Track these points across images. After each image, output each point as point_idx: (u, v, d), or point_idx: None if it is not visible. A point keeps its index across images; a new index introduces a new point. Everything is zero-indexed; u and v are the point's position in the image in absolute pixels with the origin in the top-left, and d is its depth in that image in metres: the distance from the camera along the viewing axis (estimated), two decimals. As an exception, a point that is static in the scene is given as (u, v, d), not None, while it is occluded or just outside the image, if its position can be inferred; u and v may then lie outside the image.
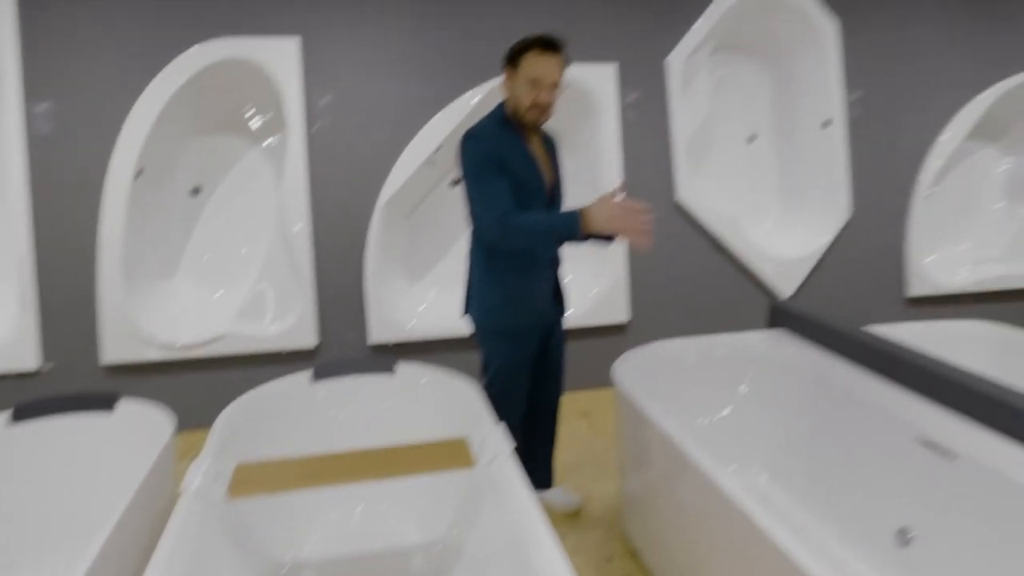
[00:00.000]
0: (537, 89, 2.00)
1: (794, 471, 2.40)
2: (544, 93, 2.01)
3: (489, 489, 1.77)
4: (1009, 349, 2.62)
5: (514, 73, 2.03)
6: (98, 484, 2.24)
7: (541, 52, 1.99)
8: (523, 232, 1.97)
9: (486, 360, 2.28)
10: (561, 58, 2.02)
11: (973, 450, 1.78)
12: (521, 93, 2.03)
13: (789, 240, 4.09)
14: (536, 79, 1.99)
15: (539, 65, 1.99)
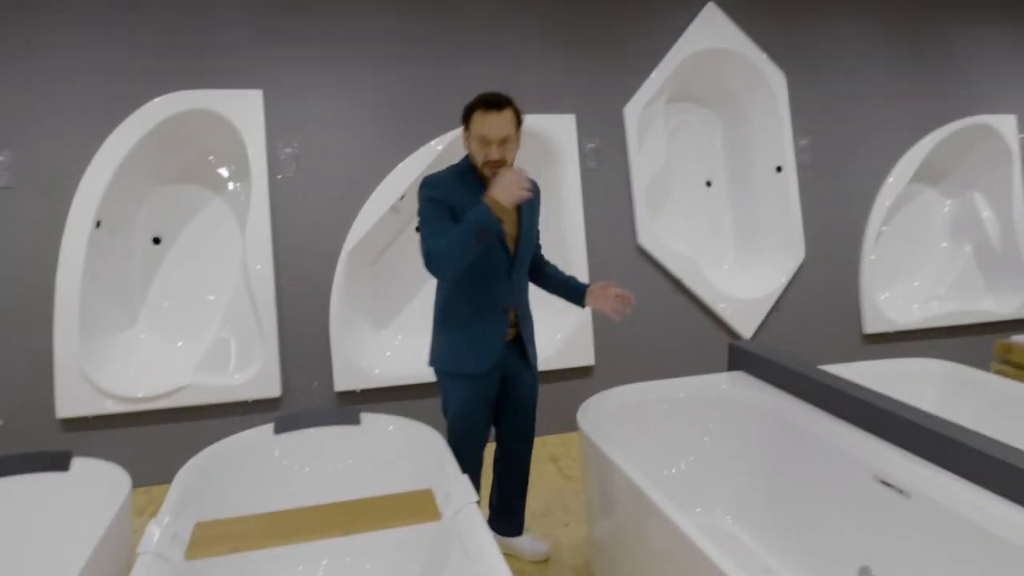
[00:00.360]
0: (487, 147, 2.06)
1: (757, 512, 2.43)
2: (493, 150, 2.05)
3: (455, 542, 1.76)
4: (957, 386, 2.72)
5: (467, 132, 2.11)
6: (53, 546, 2.17)
7: (485, 111, 2.05)
8: (446, 249, 1.98)
9: (444, 403, 2.32)
10: (508, 113, 2.06)
11: (926, 488, 1.84)
12: (474, 151, 2.10)
13: (747, 281, 4.20)
14: (483, 137, 2.05)
15: (485, 124, 2.04)
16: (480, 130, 2.05)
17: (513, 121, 2.08)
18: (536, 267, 2.41)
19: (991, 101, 4.63)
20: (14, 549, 2.15)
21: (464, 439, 2.30)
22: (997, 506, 1.66)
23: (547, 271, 2.43)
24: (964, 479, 1.80)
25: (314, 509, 1.88)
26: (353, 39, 3.57)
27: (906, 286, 4.69)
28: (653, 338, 4.01)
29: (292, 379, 3.53)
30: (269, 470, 2.27)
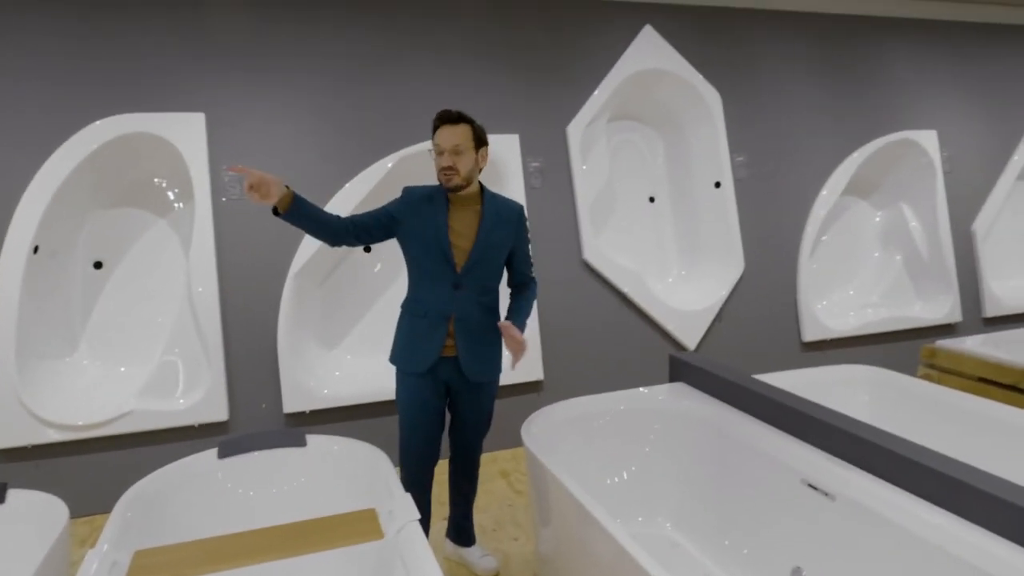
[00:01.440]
0: (440, 155, 2.24)
1: (697, 518, 2.51)
2: (445, 157, 2.23)
3: (398, 560, 1.79)
4: (884, 391, 2.85)
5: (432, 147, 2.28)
6: (-14, 582, 2.12)
7: (440, 125, 2.25)
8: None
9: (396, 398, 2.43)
10: (462, 127, 2.24)
11: (850, 490, 1.94)
12: (436, 163, 2.27)
13: (691, 293, 4.32)
14: (437, 146, 2.24)
15: (439, 136, 2.25)
16: (436, 140, 2.24)
17: (468, 134, 2.25)
18: (512, 290, 2.49)
19: (914, 117, 4.88)
20: (-54, 586, 2.09)
21: (409, 436, 2.39)
22: (916, 506, 1.76)
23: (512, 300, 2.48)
24: (885, 481, 1.90)
25: (257, 533, 1.89)
26: (297, 62, 3.59)
27: (842, 295, 4.89)
28: (600, 351, 4.09)
29: (239, 402, 3.50)
30: (212, 495, 2.26)
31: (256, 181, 1.99)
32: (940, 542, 1.65)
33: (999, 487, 1.63)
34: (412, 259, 2.35)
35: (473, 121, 2.27)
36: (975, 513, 1.65)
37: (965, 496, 1.68)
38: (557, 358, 3.99)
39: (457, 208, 2.31)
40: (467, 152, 2.24)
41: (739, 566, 2.30)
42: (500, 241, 2.34)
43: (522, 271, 2.46)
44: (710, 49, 4.33)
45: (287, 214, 2.11)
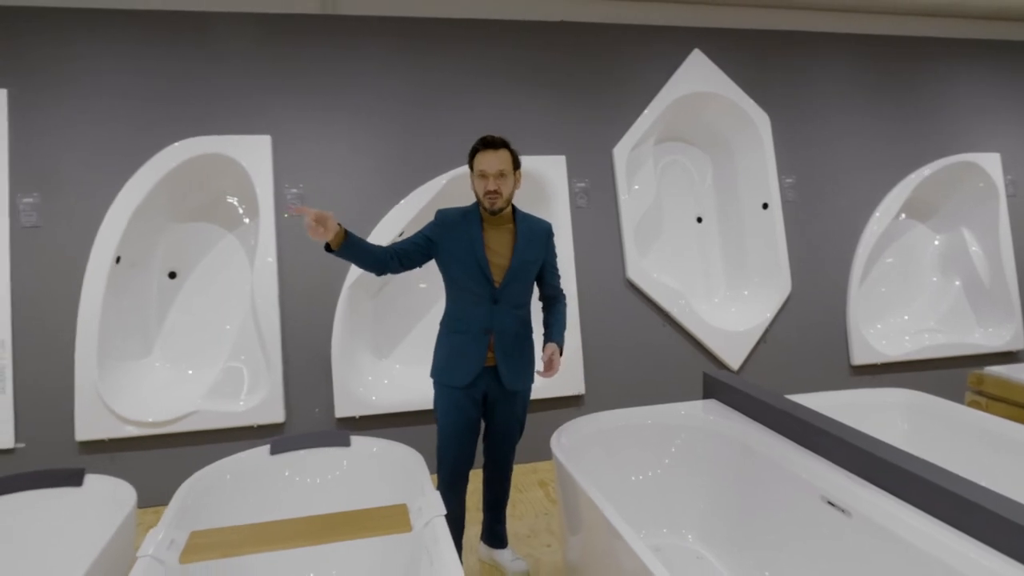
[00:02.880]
0: (484, 179, 2.37)
1: (719, 531, 2.55)
2: (490, 182, 2.36)
3: (424, 552, 1.92)
4: (922, 416, 2.83)
5: (471, 172, 2.41)
6: (65, 553, 2.36)
7: (483, 150, 2.38)
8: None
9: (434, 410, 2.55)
10: (504, 152, 2.37)
11: (868, 509, 1.96)
12: (476, 186, 2.41)
13: (736, 314, 4.34)
14: (482, 172, 2.37)
15: (482, 161, 2.37)
16: (479, 166, 2.37)
17: (509, 159, 2.39)
18: (544, 303, 2.61)
19: (975, 140, 4.78)
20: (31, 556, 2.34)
21: (446, 446, 2.51)
22: (929, 526, 1.79)
23: (545, 313, 2.61)
24: (903, 501, 1.92)
25: (298, 520, 2.05)
26: (355, 88, 3.84)
27: (896, 319, 4.80)
28: (642, 369, 4.15)
29: (295, 406, 3.72)
30: (262, 487, 2.45)
31: (318, 218, 2.12)
32: (951, 561, 1.67)
33: (1014, 510, 1.64)
34: (452, 279, 2.46)
35: (509, 144, 2.41)
36: (988, 534, 1.67)
37: (979, 517, 1.69)
38: (598, 373, 4.07)
39: (491, 228, 2.44)
40: (508, 175, 2.38)
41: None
42: (533, 258, 2.47)
43: (553, 283, 2.58)
44: (759, 71, 4.37)
45: (339, 249, 2.25)
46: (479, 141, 2.39)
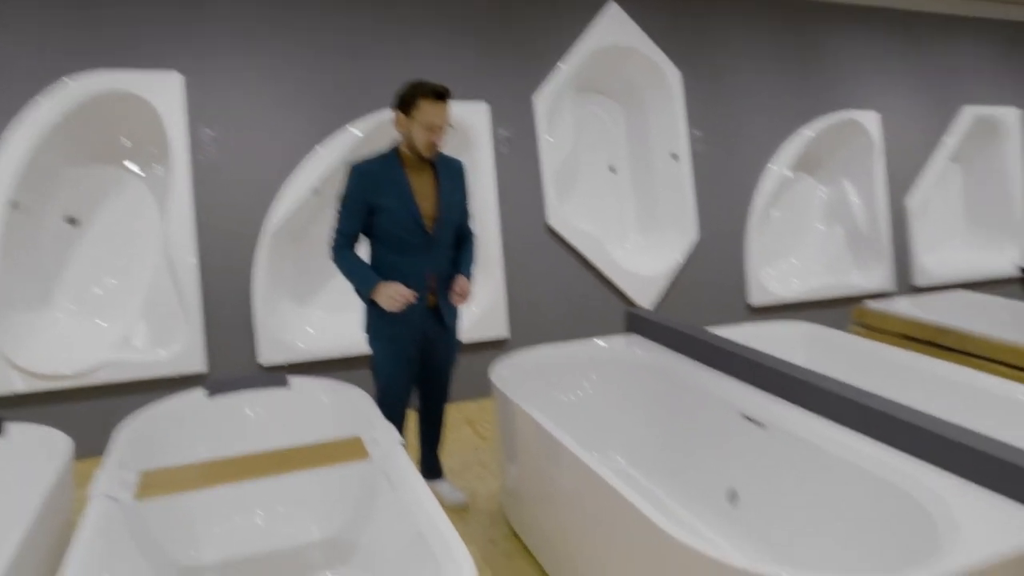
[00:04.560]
0: (434, 133, 2.34)
1: (645, 453, 2.78)
2: (439, 136, 2.35)
3: (383, 479, 2.00)
4: (817, 342, 3.15)
5: (408, 117, 2.34)
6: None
7: (434, 101, 2.31)
8: (338, 266, 2.46)
9: (371, 363, 2.57)
10: (447, 103, 2.34)
11: (780, 420, 2.21)
12: (417, 136, 2.35)
13: (647, 259, 4.59)
14: (430, 125, 2.32)
15: (433, 113, 2.31)
16: (428, 119, 2.30)
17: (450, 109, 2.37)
18: (460, 240, 2.64)
19: (859, 98, 5.20)
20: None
21: (389, 395, 2.55)
22: (833, 431, 2.05)
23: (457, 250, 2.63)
24: (809, 411, 2.18)
25: (251, 457, 2.07)
26: (274, 26, 3.69)
27: (787, 263, 5.22)
28: (562, 311, 4.33)
29: (217, 354, 3.64)
30: (204, 430, 2.43)
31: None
32: (853, 459, 1.93)
33: (904, 412, 1.91)
34: (384, 230, 2.41)
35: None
36: (883, 434, 1.94)
37: (875, 420, 1.96)
38: (522, 317, 4.21)
39: (414, 172, 2.42)
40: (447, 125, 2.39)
41: (684, 492, 2.57)
42: (458, 199, 2.53)
43: (465, 223, 2.62)
44: (671, 27, 4.55)
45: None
46: (429, 90, 2.29)
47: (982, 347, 3.13)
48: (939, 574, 1.34)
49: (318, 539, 2.29)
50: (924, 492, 1.70)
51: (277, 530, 2.32)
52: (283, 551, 2.26)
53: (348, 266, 2.43)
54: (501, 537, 2.60)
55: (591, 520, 1.93)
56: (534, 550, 2.43)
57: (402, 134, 2.39)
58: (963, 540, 1.46)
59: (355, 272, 2.43)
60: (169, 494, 1.86)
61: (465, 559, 1.44)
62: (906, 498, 1.74)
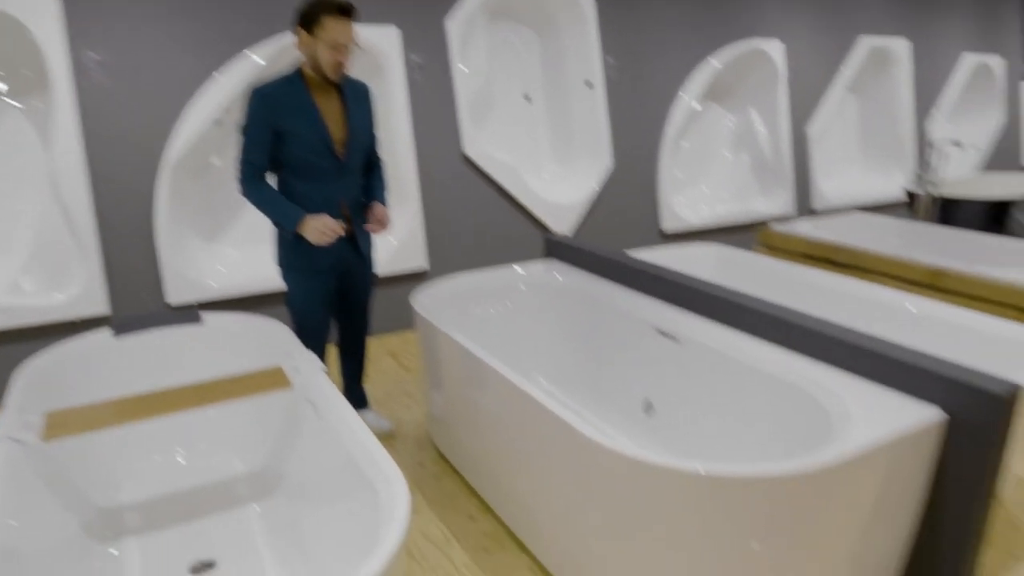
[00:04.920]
0: (339, 52, 2.21)
1: (566, 372, 2.88)
2: (346, 55, 2.22)
3: (307, 408, 1.99)
4: (726, 262, 3.30)
5: (311, 35, 2.20)
6: None
7: (339, 18, 2.17)
8: (251, 200, 2.30)
9: (287, 297, 2.48)
10: (352, 21, 2.21)
11: (692, 334, 2.32)
12: (322, 56, 2.21)
13: (564, 187, 4.63)
14: (335, 43, 2.18)
15: (338, 31, 2.17)
16: (333, 37, 2.16)
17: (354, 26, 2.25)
18: (369, 167, 2.58)
19: (764, 27, 5.31)
20: None
21: (308, 329, 2.50)
22: (741, 340, 2.17)
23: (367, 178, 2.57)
24: (719, 323, 2.30)
25: (166, 392, 2.01)
26: (158, -63, 3.39)
27: (697, 190, 5.39)
28: (481, 241, 4.34)
29: (121, 296, 3.46)
30: (113, 369, 2.32)
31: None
32: (758, 364, 2.07)
33: (803, 320, 2.05)
34: (293, 159, 2.30)
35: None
36: (785, 340, 2.07)
37: (778, 328, 2.09)
38: (440, 248, 4.19)
39: (320, 95, 2.30)
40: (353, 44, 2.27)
41: (602, 406, 2.69)
42: (366, 123, 2.44)
43: (374, 148, 2.55)
44: (582, -51, 4.47)
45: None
46: (333, 6, 2.15)
47: (872, 262, 3.36)
48: (831, 458, 1.47)
49: (243, 472, 2.27)
50: (820, 389, 1.85)
51: (199, 466, 2.28)
52: (207, 486, 2.24)
53: (263, 199, 2.29)
54: (429, 461, 2.65)
55: (517, 435, 1.99)
56: (462, 470, 2.50)
57: (305, 54, 2.25)
58: (853, 428, 1.60)
59: (273, 206, 2.30)
60: (79, 434, 1.79)
61: (398, 479, 1.46)
62: (805, 395, 1.89)
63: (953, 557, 1.74)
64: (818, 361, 1.97)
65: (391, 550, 1.22)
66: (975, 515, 1.67)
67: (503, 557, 2.12)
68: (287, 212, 2.29)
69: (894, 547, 1.79)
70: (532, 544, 2.06)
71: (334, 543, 1.76)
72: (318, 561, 1.82)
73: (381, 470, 1.52)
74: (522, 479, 2.01)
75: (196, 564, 1.95)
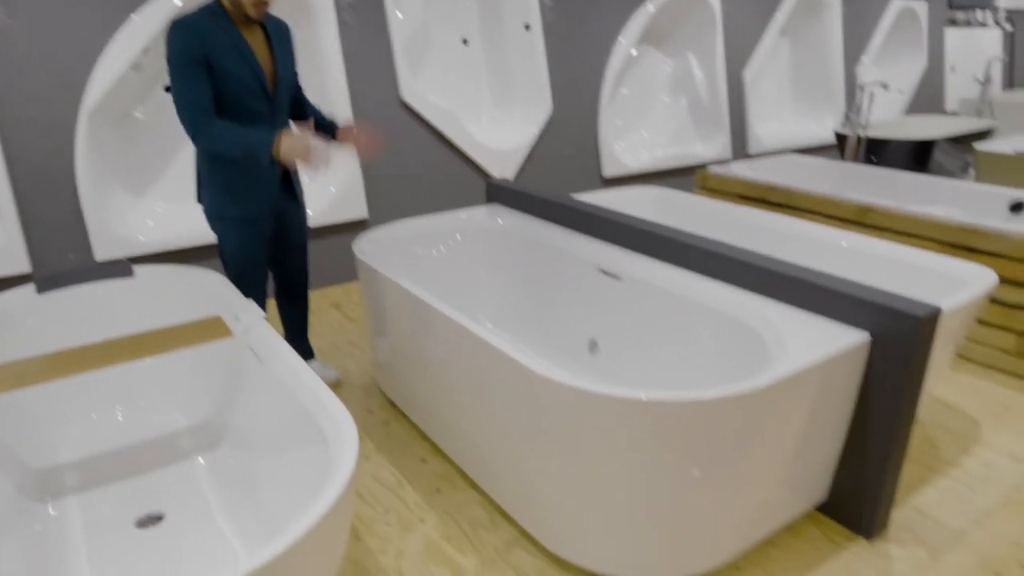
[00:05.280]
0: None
1: (511, 315, 2.90)
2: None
3: (250, 356, 1.95)
4: (666, 204, 3.35)
5: None
6: None
7: None
8: (214, 144, 2.12)
9: (220, 249, 2.38)
10: None
11: (634, 271, 2.36)
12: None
13: (503, 133, 4.58)
14: None
15: None
16: None
17: None
18: (298, 106, 2.50)
19: (700, -31, 5.30)
20: None
21: (246, 281, 2.41)
22: (682, 276, 2.22)
23: (309, 110, 2.52)
24: (659, 260, 2.35)
25: (99, 345, 1.94)
26: None
27: (637, 135, 5.42)
28: (421, 189, 4.28)
29: (44, 254, 3.29)
30: (38, 328, 2.22)
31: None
32: (698, 299, 2.12)
33: (741, 254, 2.11)
34: (224, 98, 2.17)
35: None
36: (723, 274, 2.13)
37: (717, 263, 2.15)
38: (380, 196, 4.12)
39: (245, 31, 2.20)
40: None
41: (548, 346, 2.73)
42: (290, 59, 2.36)
43: (300, 90, 2.49)
44: None
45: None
46: None
47: (804, 201, 3.47)
48: (766, 381, 1.54)
49: (185, 426, 2.23)
50: (757, 319, 1.92)
51: (139, 421, 2.23)
52: (148, 441, 2.19)
53: (225, 136, 2.11)
54: (377, 407, 2.66)
55: (464, 376, 2.00)
56: (411, 415, 2.51)
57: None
58: (788, 353, 1.67)
59: (239, 138, 2.11)
60: (7, 391, 1.71)
61: (346, 421, 1.45)
62: (743, 326, 1.96)
63: (877, 470, 1.86)
64: (754, 293, 2.04)
65: (339, 489, 1.23)
66: (898, 430, 1.78)
67: (455, 496, 2.16)
68: (257, 139, 2.11)
69: (824, 463, 1.90)
70: (483, 482, 2.10)
71: (284, 490, 1.76)
72: (269, 508, 1.82)
73: (329, 414, 1.51)
74: (471, 419, 2.04)
75: (142, 518, 1.92)
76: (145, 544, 1.81)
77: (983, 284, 2.14)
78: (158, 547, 1.80)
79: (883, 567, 1.85)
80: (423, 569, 1.87)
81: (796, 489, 1.86)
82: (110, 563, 1.74)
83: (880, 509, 1.91)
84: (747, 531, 1.81)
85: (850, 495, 1.95)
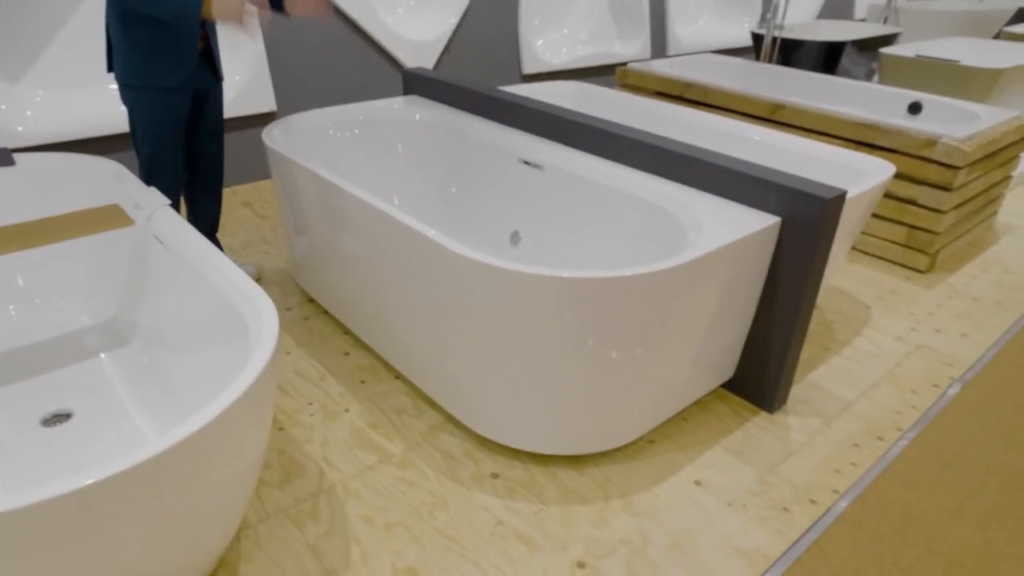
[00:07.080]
0: None
1: (431, 207, 2.85)
2: None
3: (154, 242, 1.84)
4: (586, 97, 3.32)
5: None
6: None
7: None
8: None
9: (131, 122, 2.20)
10: None
11: (554, 160, 2.35)
12: None
13: (420, 23, 4.36)
14: None
15: None
16: None
17: None
18: None
19: None
20: None
21: (159, 164, 2.23)
22: (602, 165, 2.22)
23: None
24: (581, 150, 2.34)
25: (-17, 236, 1.78)
26: None
27: (557, 33, 5.28)
28: (332, 81, 4.06)
29: (-96, 145, 2.95)
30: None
31: None
32: (618, 186, 2.14)
33: (658, 141, 2.12)
34: None
35: None
36: (641, 163, 2.15)
37: (635, 152, 2.16)
38: (288, 88, 3.88)
39: None
40: None
41: (470, 239, 2.72)
42: None
43: None
44: None
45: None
46: None
47: (720, 98, 3.51)
48: (683, 259, 1.59)
49: (89, 324, 2.11)
50: (675, 204, 1.96)
51: (35, 322, 2.09)
52: (48, 342, 2.06)
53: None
54: (296, 304, 2.60)
55: (385, 264, 1.97)
56: (332, 310, 2.47)
57: None
58: (703, 236, 1.72)
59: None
60: None
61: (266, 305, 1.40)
62: (661, 211, 1.99)
63: (780, 349, 1.99)
64: (673, 181, 2.07)
65: (260, 366, 1.20)
66: (801, 308, 1.89)
67: (378, 386, 2.17)
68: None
69: (733, 343, 2.01)
70: (407, 370, 2.11)
71: (203, 380, 1.71)
72: (187, 402, 1.77)
73: (247, 297, 1.46)
74: (392, 308, 2.02)
75: (48, 417, 1.83)
76: (53, 441, 1.74)
77: (883, 175, 2.26)
78: (67, 443, 1.73)
79: (782, 435, 2.01)
80: (349, 455, 1.89)
81: (707, 367, 1.97)
82: (16, 461, 1.67)
83: (781, 385, 2.06)
84: (662, 407, 1.91)
85: (755, 373, 2.08)
